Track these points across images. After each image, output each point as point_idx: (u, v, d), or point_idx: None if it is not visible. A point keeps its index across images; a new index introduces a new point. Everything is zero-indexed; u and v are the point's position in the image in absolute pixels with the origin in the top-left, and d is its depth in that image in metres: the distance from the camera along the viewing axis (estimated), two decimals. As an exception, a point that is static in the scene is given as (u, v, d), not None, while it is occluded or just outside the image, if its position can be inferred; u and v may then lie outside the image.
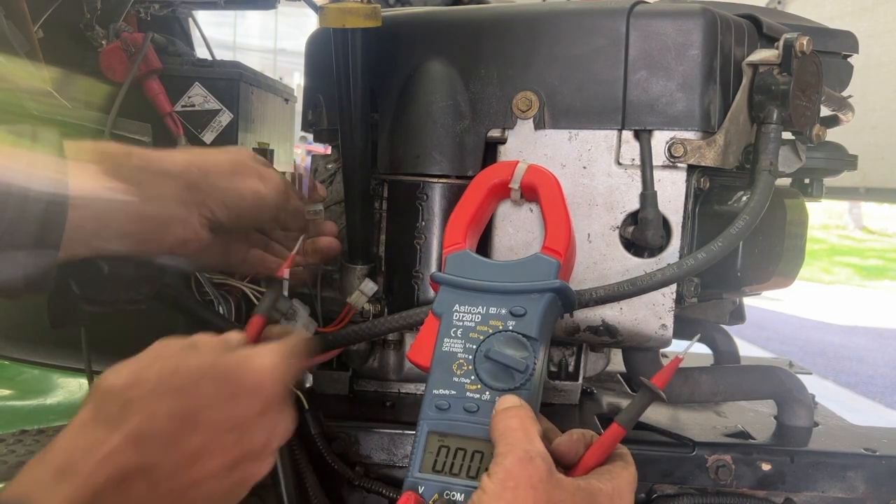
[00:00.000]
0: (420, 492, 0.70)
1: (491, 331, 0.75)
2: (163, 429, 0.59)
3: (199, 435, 0.61)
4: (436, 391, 0.74)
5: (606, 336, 0.89)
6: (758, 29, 0.94)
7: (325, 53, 0.92)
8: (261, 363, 0.67)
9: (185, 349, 0.66)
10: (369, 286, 0.97)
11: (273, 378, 0.67)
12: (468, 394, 0.73)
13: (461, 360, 0.75)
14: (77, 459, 0.55)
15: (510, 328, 0.75)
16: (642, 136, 0.86)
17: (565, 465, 0.70)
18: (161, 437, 0.59)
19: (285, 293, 0.87)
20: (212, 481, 0.62)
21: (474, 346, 0.75)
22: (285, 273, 0.88)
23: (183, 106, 1.21)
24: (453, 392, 0.74)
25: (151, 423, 0.59)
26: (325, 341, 0.96)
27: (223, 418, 0.63)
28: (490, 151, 0.93)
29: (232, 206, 0.80)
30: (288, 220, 0.89)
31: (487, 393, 0.73)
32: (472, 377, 0.74)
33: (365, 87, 0.90)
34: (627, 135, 0.87)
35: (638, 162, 0.87)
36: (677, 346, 1.03)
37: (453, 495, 0.70)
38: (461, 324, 0.77)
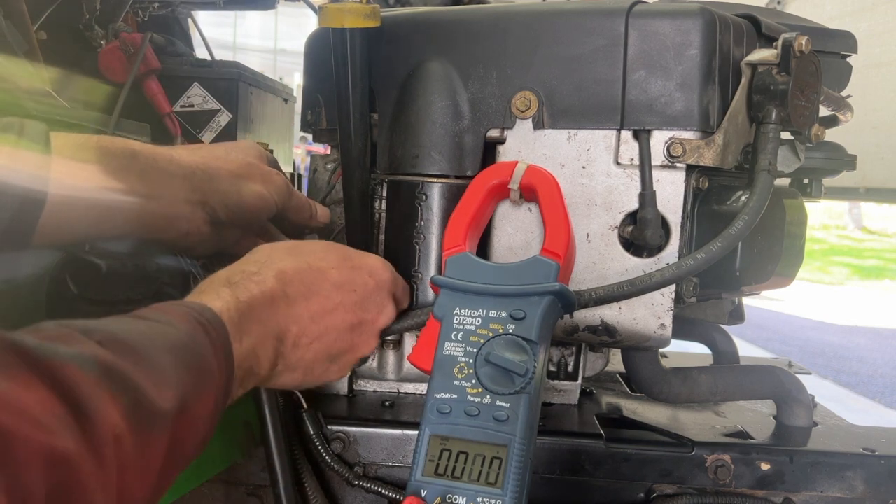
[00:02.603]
0: (423, 496, 0.71)
1: (491, 334, 0.75)
2: (300, 273, 0.75)
3: (327, 284, 0.76)
4: (437, 395, 0.75)
5: (605, 336, 0.89)
6: (757, 29, 0.94)
7: (324, 53, 0.92)
8: (372, 257, 0.84)
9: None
10: None
11: (383, 266, 0.83)
12: (469, 397, 0.74)
13: (462, 364, 0.75)
14: (237, 279, 0.70)
15: (510, 331, 0.75)
16: (641, 135, 0.86)
17: None
18: (299, 279, 0.74)
19: None
20: (334, 334, 0.76)
21: (475, 350, 0.75)
22: None
23: (182, 106, 1.21)
24: (454, 396, 0.74)
25: (292, 267, 0.74)
26: None
27: (346, 280, 0.78)
28: (489, 151, 0.93)
29: (234, 208, 0.85)
30: (290, 217, 0.93)
31: (488, 397, 0.73)
32: (473, 381, 0.74)
33: (364, 86, 0.90)
34: (626, 135, 0.87)
35: (637, 162, 0.87)
36: (676, 346, 1.03)
37: (455, 499, 0.70)
38: (461, 327, 0.77)
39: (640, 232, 0.86)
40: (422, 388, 1.05)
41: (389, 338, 1.02)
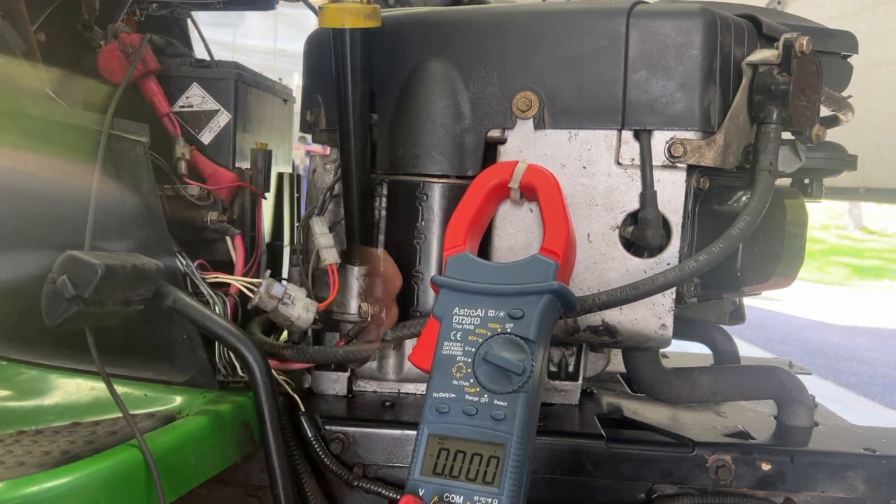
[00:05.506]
0: (420, 494, 0.71)
1: (489, 333, 0.75)
2: None
3: None
4: (436, 394, 0.75)
5: (606, 336, 0.89)
6: (758, 29, 0.93)
7: (323, 54, 0.92)
8: None
9: None
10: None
11: None
12: (467, 396, 0.74)
13: (460, 363, 0.75)
14: None
15: (508, 331, 0.75)
16: (642, 136, 0.86)
17: None
18: None
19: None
20: None
21: (473, 349, 0.75)
22: None
23: (181, 106, 1.21)
24: (453, 395, 0.74)
25: None
26: (334, 356, 0.96)
27: None
28: (490, 151, 0.92)
29: None
30: None
31: (486, 396, 0.73)
32: (471, 380, 0.74)
33: (364, 87, 0.90)
34: (627, 135, 0.87)
35: (638, 162, 0.87)
36: (677, 346, 1.03)
37: (452, 497, 0.70)
38: (460, 327, 0.77)
39: (640, 232, 0.86)
40: (423, 388, 1.05)
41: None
